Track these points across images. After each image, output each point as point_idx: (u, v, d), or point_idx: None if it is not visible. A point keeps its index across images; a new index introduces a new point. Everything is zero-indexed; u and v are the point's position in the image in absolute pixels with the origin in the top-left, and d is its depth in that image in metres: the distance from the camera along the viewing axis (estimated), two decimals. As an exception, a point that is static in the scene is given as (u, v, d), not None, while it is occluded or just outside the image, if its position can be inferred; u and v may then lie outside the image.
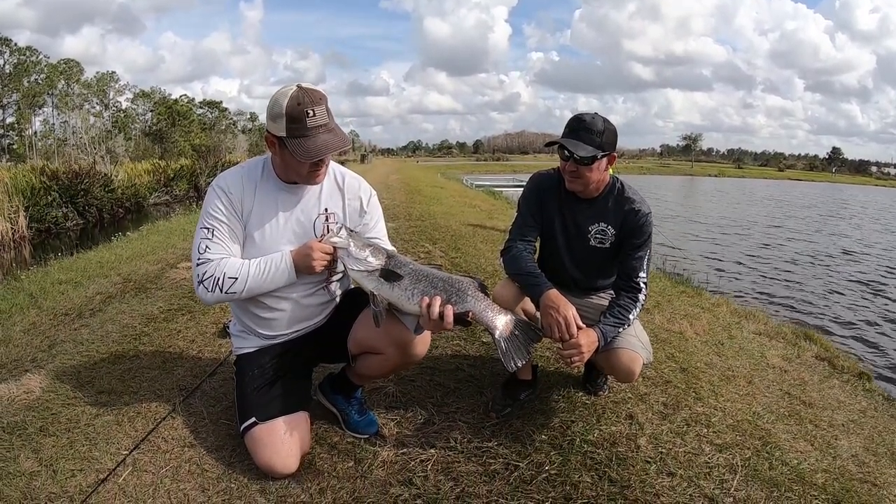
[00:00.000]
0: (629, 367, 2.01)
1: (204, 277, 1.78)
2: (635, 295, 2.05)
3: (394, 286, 1.71)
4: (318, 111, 1.69)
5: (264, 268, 1.81)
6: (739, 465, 1.94)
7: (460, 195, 14.30)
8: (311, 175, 1.82)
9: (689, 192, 40.43)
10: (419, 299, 1.68)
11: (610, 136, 1.97)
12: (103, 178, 15.20)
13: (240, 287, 1.78)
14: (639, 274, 2.06)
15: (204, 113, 59.34)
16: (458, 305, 1.69)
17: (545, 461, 1.89)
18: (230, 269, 1.78)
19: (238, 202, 1.84)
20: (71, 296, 3.76)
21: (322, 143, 1.69)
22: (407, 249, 5.65)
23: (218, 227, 1.82)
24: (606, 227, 2.10)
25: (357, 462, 1.89)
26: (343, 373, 2.12)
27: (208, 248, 1.80)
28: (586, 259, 2.18)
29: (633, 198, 2.08)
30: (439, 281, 1.71)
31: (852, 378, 3.33)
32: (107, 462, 1.82)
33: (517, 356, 1.74)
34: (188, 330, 3.01)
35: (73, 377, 2.40)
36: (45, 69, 46.79)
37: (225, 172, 1.93)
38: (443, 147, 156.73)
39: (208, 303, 1.85)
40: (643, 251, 2.07)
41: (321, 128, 1.70)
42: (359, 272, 1.74)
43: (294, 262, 1.81)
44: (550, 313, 1.89)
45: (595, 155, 1.93)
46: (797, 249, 13.49)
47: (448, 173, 31.38)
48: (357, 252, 1.74)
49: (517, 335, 1.76)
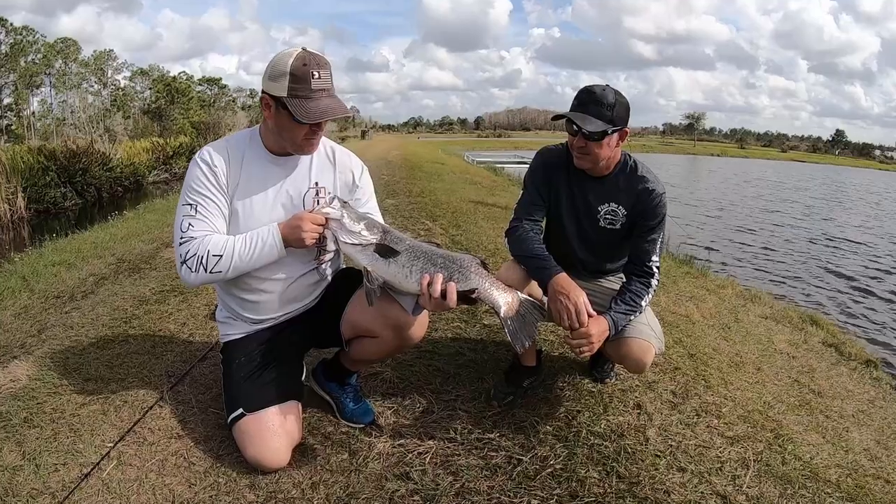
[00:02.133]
0: (640, 357, 1.91)
1: (187, 257, 1.64)
2: (647, 280, 1.94)
3: (390, 262, 1.61)
4: (322, 74, 1.60)
5: (251, 243, 1.67)
6: (752, 459, 1.86)
7: (461, 171, 14.10)
8: (306, 143, 1.70)
9: (696, 173, 40.05)
10: (419, 277, 1.58)
11: (621, 110, 1.82)
12: (101, 157, 15.07)
13: (225, 265, 1.65)
14: (651, 258, 1.94)
15: (203, 90, 58.93)
16: (461, 283, 1.59)
17: (550, 455, 1.80)
18: (214, 246, 1.65)
19: (223, 175, 1.72)
20: (64, 278, 3.69)
21: (325, 106, 1.61)
22: (407, 226, 5.54)
23: (201, 202, 1.69)
24: (617, 207, 1.97)
25: (352, 454, 1.80)
26: (336, 358, 2.02)
27: (191, 226, 1.67)
28: (596, 241, 2.06)
29: (647, 176, 1.94)
30: (439, 257, 1.61)
31: (860, 366, 3.29)
32: (91, 455, 1.73)
33: (525, 336, 1.66)
34: (179, 312, 2.91)
35: (61, 364, 2.31)
36: (42, 49, 46.46)
37: (209, 144, 1.81)
38: (444, 123, 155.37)
39: (192, 284, 1.70)
40: (656, 234, 1.94)
41: (324, 92, 1.61)
42: (352, 246, 1.63)
43: (283, 235, 1.67)
44: (560, 299, 1.78)
45: (605, 130, 1.79)
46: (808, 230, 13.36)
47: (449, 149, 31.02)
48: (351, 224, 1.62)
49: (524, 315, 1.67)
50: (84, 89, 43.99)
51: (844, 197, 26.25)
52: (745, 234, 12.45)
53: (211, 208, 1.70)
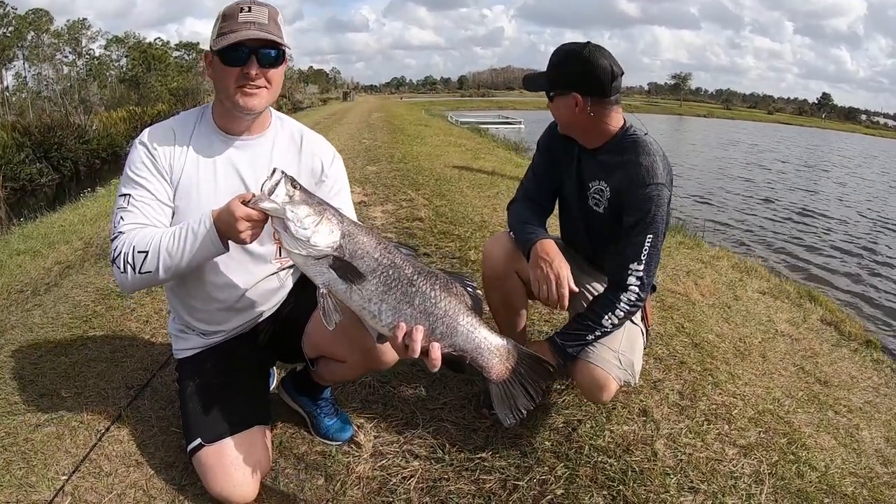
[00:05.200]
0: (591, 388, 1.63)
1: (115, 255, 1.37)
2: (616, 294, 1.59)
3: (352, 290, 1.19)
4: (255, 10, 1.39)
5: (179, 236, 1.34)
6: (766, 473, 1.70)
7: (445, 133, 13.70)
8: (240, 94, 1.41)
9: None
10: (391, 320, 1.20)
11: (567, 73, 1.61)
12: (77, 130, 14.82)
13: (152, 263, 1.34)
14: (629, 266, 1.57)
15: (181, 55, 56.80)
16: (445, 340, 1.21)
17: (549, 477, 1.61)
18: (140, 241, 1.35)
19: (165, 159, 1.46)
20: (28, 268, 3.48)
21: (246, 34, 1.36)
22: (388, 196, 5.28)
23: (137, 191, 1.43)
24: (605, 186, 1.65)
25: (328, 479, 1.62)
26: (306, 371, 1.79)
27: (122, 220, 1.41)
28: (586, 225, 1.78)
29: (641, 152, 1.59)
30: (417, 294, 1.20)
31: (860, 347, 3.21)
32: (44, 490, 1.52)
33: (515, 408, 1.30)
34: (142, 308, 2.66)
35: (17, 376, 2.08)
36: (13, 21, 44.03)
37: (153, 125, 1.54)
38: (427, 83, 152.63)
39: (127, 288, 1.41)
40: (639, 235, 1.56)
41: (253, 24, 1.37)
42: (300, 257, 1.18)
43: (217, 228, 1.31)
44: (541, 266, 1.55)
45: (548, 93, 1.65)
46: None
47: (432, 110, 30.29)
48: (297, 225, 1.14)
49: (522, 374, 1.30)
50: (58, 60, 42.12)
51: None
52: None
53: (147, 199, 1.43)
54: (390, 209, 4.72)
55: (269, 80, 1.43)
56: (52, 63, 36.69)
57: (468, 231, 3.96)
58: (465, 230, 3.98)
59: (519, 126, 25.64)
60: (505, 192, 5.55)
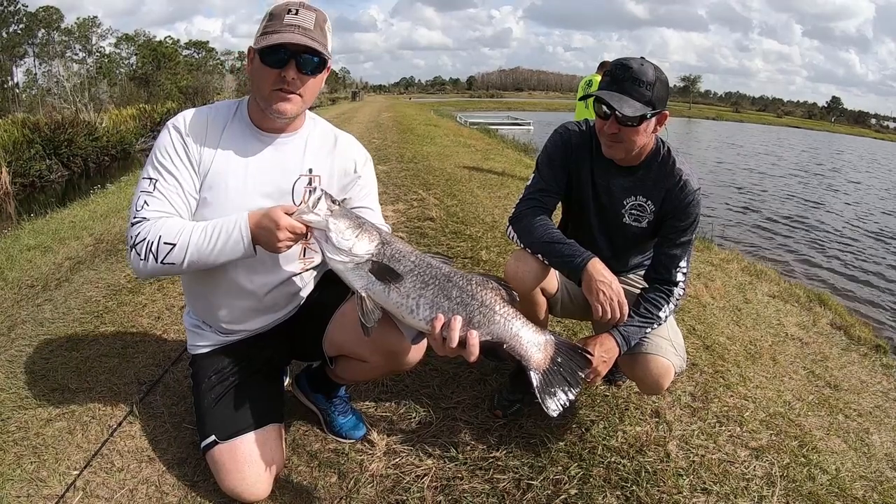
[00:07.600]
0: (656, 379, 1.64)
1: (136, 241, 1.36)
2: (670, 289, 1.67)
3: (390, 289, 1.26)
4: (304, 15, 1.37)
5: (212, 234, 1.35)
6: (777, 475, 1.71)
7: (454, 134, 13.67)
8: (275, 96, 1.40)
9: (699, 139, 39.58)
10: (428, 314, 1.25)
11: (661, 89, 1.52)
12: (87, 127, 14.83)
13: (178, 256, 1.35)
14: (678, 265, 1.67)
15: (190, 54, 57.23)
16: (483, 328, 1.25)
17: (563, 477, 1.62)
18: (167, 232, 1.35)
19: (196, 148, 1.44)
20: (38, 264, 3.48)
21: (289, 37, 1.34)
22: (399, 196, 5.27)
23: (164, 178, 1.42)
24: (646, 202, 1.69)
25: (341, 477, 1.62)
26: (322, 369, 1.79)
27: (146, 205, 1.40)
28: (617, 239, 1.80)
29: (683, 168, 1.65)
30: (454, 288, 1.26)
31: (870, 352, 3.21)
32: (55, 485, 1.54)
33: (559, 394, 1.32)
34: (154, 304, 2.68)
35: (28, 370, 2.10)
36: (24, 18, 44.47)
37: (188, 110, 1.51)
38: (436, 83, 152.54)
39: (142, 274, 1.40)
40: (687, 236, 1.67)
41: (298, 28, 1.36)
42: (341, 264, 1.28)
43: (252, 233, 1.34)
44: (602, 290, 1.52)
45: (644, 114, 1.50)
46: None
47: (441, 110, 30.23)
48: (339, 236, 1.26)
49: (560, 364, 1.34)
50: (68, 58, 42.47)
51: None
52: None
53: (173, 186, 1.42)
54: (401, 208, 4.73)
55: (306, 88, 1.42)
56: (63, 60, 37.01)
57: (479, 231, 3.96)
58: (476, 230, 3.98)
59: (528, 127, 25.55)
60: (515, 192, 5.54)
